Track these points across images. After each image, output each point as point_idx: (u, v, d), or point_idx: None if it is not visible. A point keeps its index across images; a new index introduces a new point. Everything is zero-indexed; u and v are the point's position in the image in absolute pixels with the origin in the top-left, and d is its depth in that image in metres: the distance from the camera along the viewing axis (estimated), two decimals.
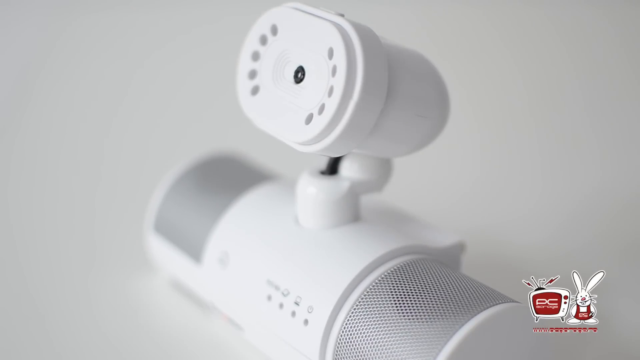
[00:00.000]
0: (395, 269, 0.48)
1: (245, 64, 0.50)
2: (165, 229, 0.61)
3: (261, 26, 0.49)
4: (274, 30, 0.49)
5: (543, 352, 0.48)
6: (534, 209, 0.75)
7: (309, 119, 0.46)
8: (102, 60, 1.09)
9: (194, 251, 0.58)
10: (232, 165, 0.63)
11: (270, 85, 0.49)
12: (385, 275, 0.48)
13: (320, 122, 0.45)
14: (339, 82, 0.44)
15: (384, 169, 0.53)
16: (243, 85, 0.50)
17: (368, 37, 0.45)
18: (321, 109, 0.45)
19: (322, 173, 0.53)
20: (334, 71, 0.45)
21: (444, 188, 0.77)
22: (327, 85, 0.45)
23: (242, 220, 0.56)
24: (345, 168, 0.53)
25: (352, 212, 0.53)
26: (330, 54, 0.45)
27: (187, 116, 0.97)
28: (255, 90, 0.49)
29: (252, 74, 0.50)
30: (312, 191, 0.52)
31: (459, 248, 0.53)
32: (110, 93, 1.02)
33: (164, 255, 0.61)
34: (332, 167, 0.53)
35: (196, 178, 0.61)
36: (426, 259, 0.50)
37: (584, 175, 0.80)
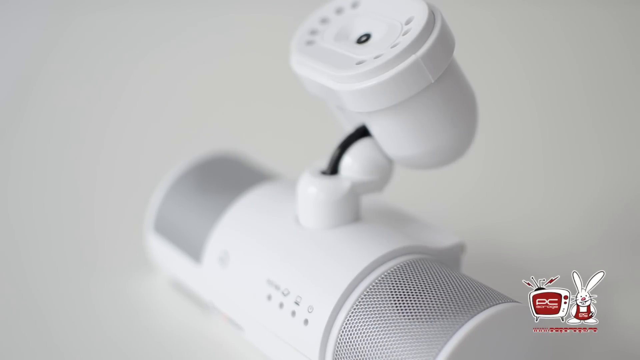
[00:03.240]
0: (395, 269, 0.48)
1: (312, 23, 0.52)
2: (165, 229, 0.61)
3: (344, 1, 0.52)
4: (355, 4, 0.51)
5: (543, 352, 0.48)
6: (534, 209, 0.75)
7: (361, 61, 0.48)
8: (102, 60, 1.09)
9: (194, 251, 0.58)
10: (232, 165, 0.63)
11: (328, 43, 0.51)
12: (385, 276, 0.48)
13: (372, 63, 0.47)
14: (407, 39, 0.46)
15: (384, 170, 0.53)
16: (301, 36, 0.52)
17: (447, 26, 0.48)
18: (377, 56, 0.47)
19: (323, 173, 0.53)
20: (405, 32, 0.47)
21: (444, 188, 0.77)
22: (392, 42, 0.47)
23: (242, 220, 0.56)
24: (346, 168, 0.53)
25: (352, 212, 0.53)
26: (409, 20, 0.47)
27: (187, 116, 0.97)
28: (310, 43, 0.51)
29: (314, 32, 0.52)
30: (313, 191, 0.52)
31: (459, 249, 0.53)
32: (110, 92, 1.02)
33: (164, 255, 0.61)
34: (333, 167, 0.53)
35: (196, 178, 0.61)
36: (426, 259, 0.50)
37: (584, 175, 0.80)
